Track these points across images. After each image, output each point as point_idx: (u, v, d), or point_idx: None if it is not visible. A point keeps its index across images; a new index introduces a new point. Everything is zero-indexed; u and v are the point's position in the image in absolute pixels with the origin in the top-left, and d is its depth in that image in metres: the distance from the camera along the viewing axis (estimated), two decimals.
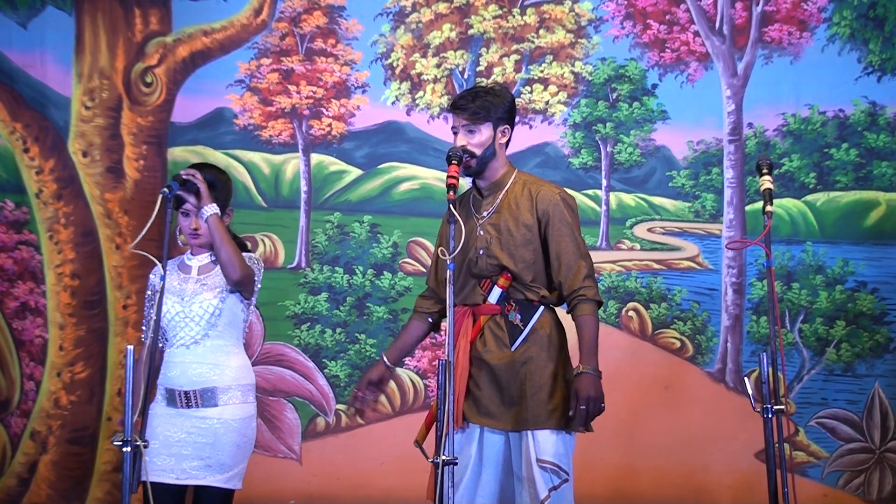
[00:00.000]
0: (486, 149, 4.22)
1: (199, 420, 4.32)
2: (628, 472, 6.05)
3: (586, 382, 4.08)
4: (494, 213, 4.25)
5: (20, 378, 6.15)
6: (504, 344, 4.20)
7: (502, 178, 4.28)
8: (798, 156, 6.23)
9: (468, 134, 4.21)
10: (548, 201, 4.21)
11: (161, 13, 6.26)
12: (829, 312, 6.19)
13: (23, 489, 6.11)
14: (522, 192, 4.25)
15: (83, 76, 6.22)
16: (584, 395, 4.07)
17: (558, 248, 4.18)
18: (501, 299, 4.21)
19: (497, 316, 4.22)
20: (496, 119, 4.23)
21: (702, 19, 6.24)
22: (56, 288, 6.17)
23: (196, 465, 4.31)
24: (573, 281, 4.16)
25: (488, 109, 4.21)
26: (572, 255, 4.17)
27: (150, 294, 4.49)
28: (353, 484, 6.06)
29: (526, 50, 6.28)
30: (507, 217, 4.23)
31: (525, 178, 4.32)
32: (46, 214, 6.19)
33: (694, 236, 6.22)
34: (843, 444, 6.15)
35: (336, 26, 6.28)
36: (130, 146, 6.22)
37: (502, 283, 4.20)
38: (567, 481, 4.15)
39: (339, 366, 6.18)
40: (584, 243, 4.25)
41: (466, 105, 4.21)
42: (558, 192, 4.26)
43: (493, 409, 4.20)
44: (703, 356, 6.19)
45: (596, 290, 4.17)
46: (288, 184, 6.26)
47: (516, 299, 4.21)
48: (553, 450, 4.13)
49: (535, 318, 4.20)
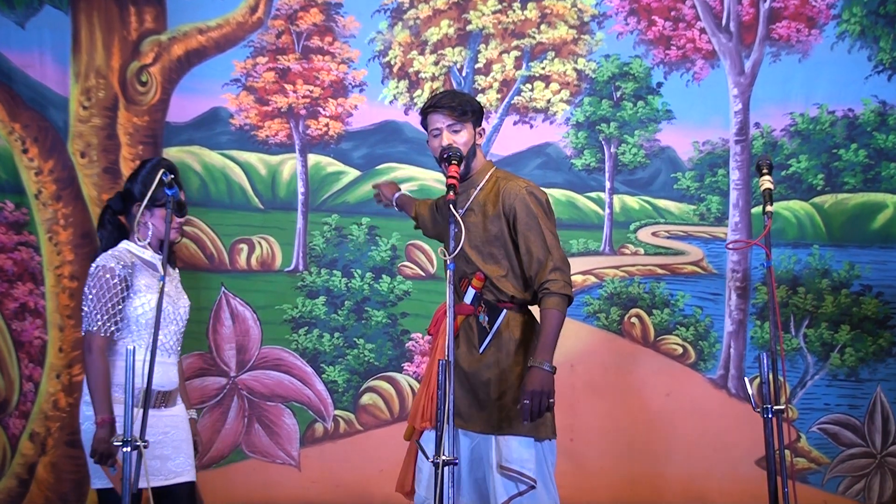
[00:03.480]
0: (470, 148, 4.24)
1: (169, 419, 4.39)
2: (628, 479, 6.01)
3: (533, 377, 4.03)
4: (466, 212, 4.24)
5: (19, 379, 6.15)
6: (473, 346, 4.22)
7: (476, 176, 4.29)
8: (806, 157, 6.11)
9: (454, 133, 4.23)
10: (514, 196, 4.19)
11: (156, 11, 6.17)
12: (834, 317, 6.10)
13: (23, 490, 6.13)
14: (492, 189, 4.25)
15: (80, 75, 6.14)
16: (528, 389, 4.02)
17: (526, 243, 4.16)
18: (475, 300, 4.21)
19: (470, 317, 4.23)
20: (475, 120, 4.27)
21: (708, 16, 6.08)
22: (55, 289, 6.14)
23: (180, 461, 4.40)
24: (541, 274, 4.12)
25: (468, 109, 4.24)
26: (540, 248, 4.15)
27: (115, 283, 4.28)
28: (352, 490, 6.05)
29: (527, 46, 6.14)
30: (477, 215, 4.23)
31: (498, 175, 4.33)
32: (46, 215, 6.15)
33: (699, 240, 6.12)
34: (844, 449, 6.08)
35: (333, 24, 6.17)
36: (127, 146, 6.16)
37: (476, 284, 4.21)
38: (534, 488, 4.12)
39: (337, 371, 6.14)
40: (555, 236, 4.20)
41: (451, 104, 4.23)
42: (525, 185, 4.24)
43: (463, 411, 4.21)
44: (705, 362, 6.11)
45: (563, 284, 4.11)
46: (285, 185, 6.19)
47: (486, 300, 4.21)
48: (516, 456, 4.13)
49: (498, 320, 4.19)
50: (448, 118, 4.22)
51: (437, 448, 3.79)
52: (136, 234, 4.41)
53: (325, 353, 6.14)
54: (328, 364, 6.14)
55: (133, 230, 4.44)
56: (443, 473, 3.77)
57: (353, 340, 6.15)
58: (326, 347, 6.14)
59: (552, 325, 4.08)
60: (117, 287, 4.29)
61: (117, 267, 4.31)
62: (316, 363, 6.14)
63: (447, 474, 3.78)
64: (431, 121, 4.28)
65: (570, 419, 5.52)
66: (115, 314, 4.28)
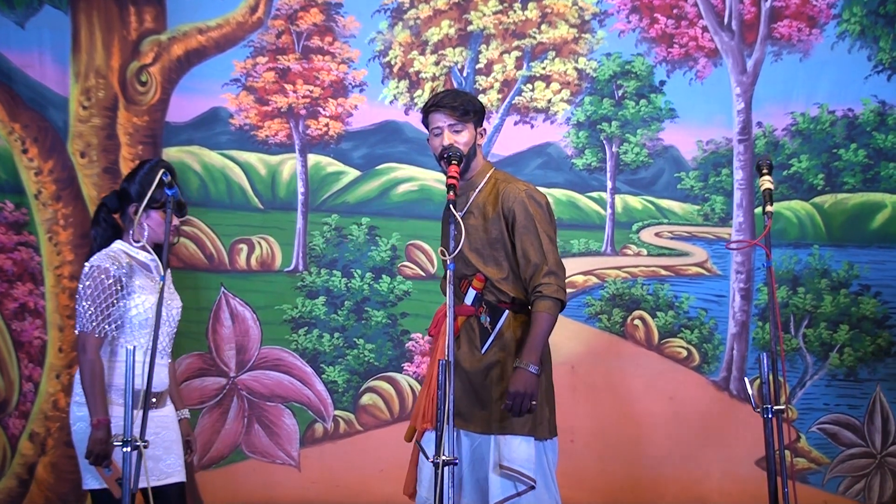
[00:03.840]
0: (470, 149, 4.25)
1: (160, 420, 4.38)
2: (629, 481, 6.00)
3: (518, 378, 4.08)
4: (465, 214, 4.25)
5: (19, 380, 6.14)
6: (475, 346, 4.24)
7: (475, 177, 4.31)
8: (807, 156, 6.09)
9: (455, 133, 4.23)
10: (513, 199, 4.21)
11: (156, 11, 6.16)
12: (833, 317, 6.09)
13: (23, 490, 6.12)
14: (492, 191, 4.27)
15: (80, 75, 6.13)
16: (512, 390, 4.07)
17: (523, 246, 4.18)
18: (475, 301, 4.22)
19: (472, 318, 4.24)
20: (476, 121, 4.28)
21: (710, 14, 6.06)
22: (55, 290, 6.13)
23: (171, 462, 4.39)
24: (535, 278, 4.15)
25: (470, 109, 4.25)
26: (536, 251, 4.17)
27: (109, 283, 4.26)
28: (352, 491, 6.03)
29: (527, 46, 6.12)
30: (477, 217, 4.25)
31: (497, 177, 4.34)
32: (45, 216, 6.14)
33: (702, 241, 6.10)
34: (844, 449, 6.07)
35: (333, 24, 6.15)
36: (126, 146, 6.15)
37: (476, 285, 4.22)
38: (533, 488, 4.13)
39: (337, 371, 6.12)
40: (552, 240, 4.22)
41: (453, 103, 4.23)
42: (524, 188, 4.25)
43: (464, 411, 4.22)
44: (709, 365, 6.09)
45: (556, 288, 4.13)
46: (285, 185, 6.17)
47: (487, 301, 4.23)
48: (517, 455, 4.14)
49: (500, 321, 4.20)
50: (449, 118, 4.24)
51: (437, 448, 3.80)
52: (132, 235, 4.38)
53: (324, 354, 6.13)
54: (328, 364, 6.13)
55: (127, 230, 4.42)
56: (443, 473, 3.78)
57: (353, 340, 6.13)
58: (326, 348, 6.13)
59: (542, 327, 4.11)
60: (112, 287, 4.27)
61: (112, 267, 4.29)
62: (316, 363, 6.13)
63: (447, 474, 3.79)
64: (433, 120, 4.28)
65: (572, 421, 5.50)
66: (109, 315, 4.26)
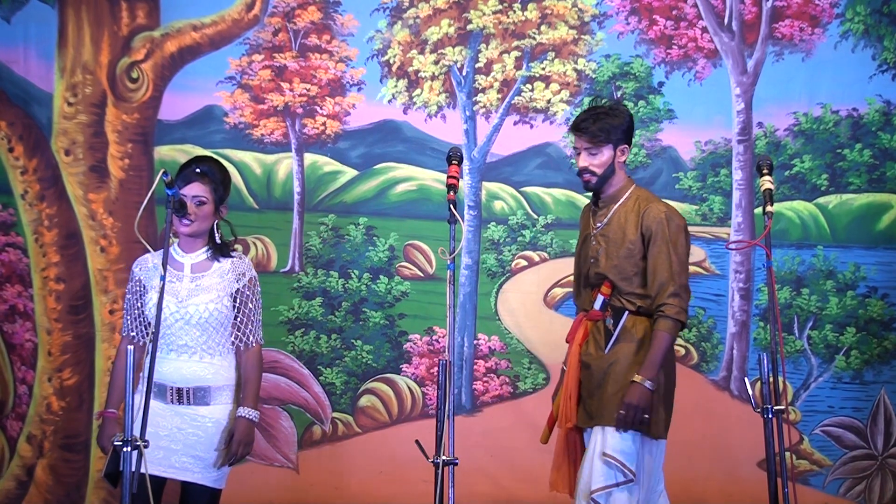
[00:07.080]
0: (607, 168, 4.46)
1: (191, 417, 4.30)
2: None
3: (634, 391, 4.30)
4: (606, 226, 4.50)
5: (13, 381, 6.05)
6: (600, 347, 4.46)
7: (618, 192, 4.51)
8: (810, 157, 6.09)
9: (590, 156, 4.45)
10: (652, 219, 4.41)
11: (149, 6, 6.07)
12: (840, 319, 6.09)
13: (21, 492, 6.05)
14: (633, 207, 4.47)
15: (66, 71, 6.03)
16: (626, 401, 4.30)
17: (654, 265, 4.39)
18: (603, 306, 4.47)
19: (599, 321, 4.49)
20: (616, 140, 4.45)
21: (710, 15, 6.04)
22: (42, 292, 6.05)
23: (186, 460, 4.30)
24: (659, 297, 4.36)
25: (608, 132, 4.43)
26: (664, 272, 4.36)
27: (131, 286, 4.37)
28: (350, 493, 6.00)
29: (527, 46, 6.09)
30: (616, 230, 4.47)
31: (639, 194, 4.53)
32: (31, 216, 6.05)
33: (700, 240, 6.09)
34: (847, 451, 6.08)
35: (331, 22, 6.09)
36: (115, 144, 6.05)
37: (604, 291, 4.46)
38: (632, 482, 4.29)
39: (334, 373, 6.07)
40: (682, 263, 4.42)
41: (588, 128, 4.44)
42: (665, 210, 4.45)
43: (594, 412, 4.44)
44: (707, 364, 6.09)
45: (679, 310, 4.36)
46: (280, 185, 6.11)
47: (614, 306, 4.46)
48: (620, 447, 4.31)
49: (622, 321, 4.42)
50: (586, 142, 4.44)
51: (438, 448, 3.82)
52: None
53: (322, 355, 6.07)
54: (325, 366, 6.07)
55: None
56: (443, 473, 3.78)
57: (351, 342, 6.08)
58: (323, 349, 6.07)
59: (661, 346, 4.34)
60: (134, 288, 4.38)
61: (135, 269, 4.41)
62: (313, 365, 6.08)
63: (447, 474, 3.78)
64: (574, 137, 4.52)
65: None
66: (134, 315, 4.35)
